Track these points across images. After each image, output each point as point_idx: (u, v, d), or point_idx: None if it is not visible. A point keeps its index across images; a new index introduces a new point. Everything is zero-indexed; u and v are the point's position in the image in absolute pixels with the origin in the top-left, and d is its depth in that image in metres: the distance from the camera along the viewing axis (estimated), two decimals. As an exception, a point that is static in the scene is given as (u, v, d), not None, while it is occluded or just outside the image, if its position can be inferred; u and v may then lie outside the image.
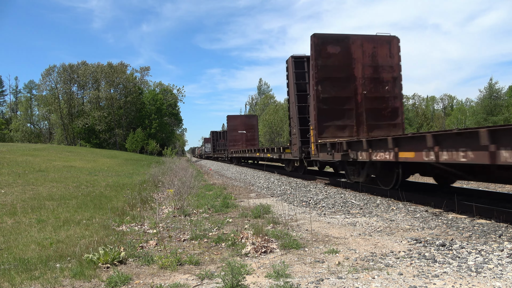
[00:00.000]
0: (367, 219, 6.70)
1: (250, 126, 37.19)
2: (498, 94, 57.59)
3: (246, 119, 38.70)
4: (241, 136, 35.94)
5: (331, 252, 4.51)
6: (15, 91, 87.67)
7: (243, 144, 35.50)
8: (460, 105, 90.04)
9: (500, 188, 9.55)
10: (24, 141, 67.80)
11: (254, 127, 37.48)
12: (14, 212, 7.73)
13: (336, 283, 3.46)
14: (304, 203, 8.95)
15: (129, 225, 6.67)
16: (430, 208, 7.24)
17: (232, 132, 36.53)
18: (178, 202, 8.50)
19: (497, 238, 4.91)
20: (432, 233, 5.36)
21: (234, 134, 36.24)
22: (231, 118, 37.66)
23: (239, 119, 37.86)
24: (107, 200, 9.69)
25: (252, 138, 36.71)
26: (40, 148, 32.64)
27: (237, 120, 37.62)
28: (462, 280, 3.41)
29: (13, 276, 3.88)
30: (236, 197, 10.51)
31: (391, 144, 7.60)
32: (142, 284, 3.69)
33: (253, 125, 37.48)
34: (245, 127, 36.62)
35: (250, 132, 36.80)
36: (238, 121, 37.44)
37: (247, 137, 36.13)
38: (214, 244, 5.17)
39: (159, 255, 4.42)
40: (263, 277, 3.71)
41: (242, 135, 35.99)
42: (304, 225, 6.29)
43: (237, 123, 37.01)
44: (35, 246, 5.16)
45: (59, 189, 11.62)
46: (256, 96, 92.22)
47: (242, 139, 35.98)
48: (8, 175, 13.80)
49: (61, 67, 63.85)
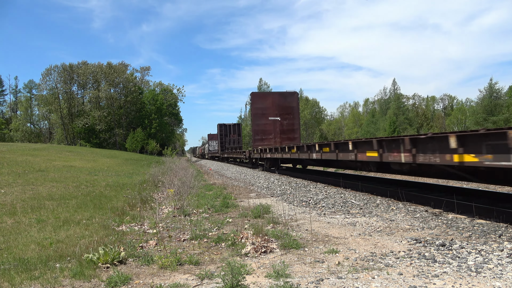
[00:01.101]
0: (367, 219, 6.70)
1: (287, 110, 23.42)
2: (498, 94, 57.59)
3: (280, 98, 23.48)
4: (273, 125, 23.07)
5: (331, 252, 4.51)
6: (15, 91, 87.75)
7: (276, 137, 23.15)
8: (460, 105, 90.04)
9: (500, 188, 9.55)
10: (24, 141, 67.80)
11: (293, 112, 23.56)
12: (14, 212, 7.73)
13: (336, 283, 3.46)
14: (304, 203, 8.95)
15: (129, 225, 6.67)
16: (430, 208, 7.24)
17: (259, 119, 23.07)
18: (178, 202, 8.50)
19: (497, 238, 4.91)
20: (432, 233, 5.36)
21: (262, 122, 23.02)
22: (258, 97, 23.82)
23: (270, 99, 23.42)
24: (107, 200, 9.69)
25: (290, 130, 23.45)
26: (40, 148, 32.64)
27: (267, 100, 23.38)
28: (462, 280, 3.41)
29: (13, 276, 3.88)
30: (236, 197, 10.50)
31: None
32: (142, 284, 3.69)
33: (291, 108, 23.49)
34: (279, 111, 23.13)
35: (287, 119, 23.40)
36: (270, 101, 23.27)
37: (281, 127, 23.16)
38: (214, 244, 5.16)
39: (159, 255, 4.42)
40: (263, 277, 3.71)
41: (274, 124, 23.07)
42: (304, 225, 6.29)
43: (268, 105, 23.13)
44: (35, 246, 5.16)
45: (59, 189, 11.62)
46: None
47: (274, 131, 23.11)
48: (8, 175, 13.80)
49: (61, 66, 63.92)
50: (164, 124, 69.66)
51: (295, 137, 23.55)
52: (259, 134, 23.10)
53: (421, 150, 6.47)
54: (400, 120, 69.24)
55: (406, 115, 73.02)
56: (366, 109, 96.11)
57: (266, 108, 23.06)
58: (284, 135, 23.26)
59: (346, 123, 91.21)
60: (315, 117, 79.33)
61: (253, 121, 23.60)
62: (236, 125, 44.32)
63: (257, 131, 23.18)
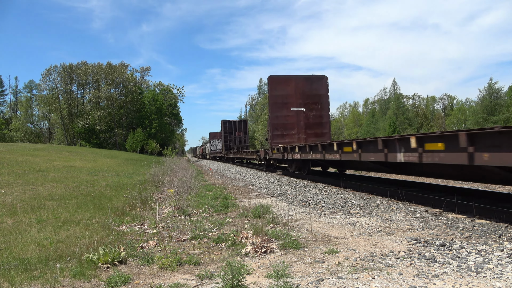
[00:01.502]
0: (367, 219, 6.70)
1: (314, 98, 18.62)
2: (498, 94, 57.61)
3: (306, 83, 18.65)
4: (297, 117, 18.44)
5: (331, 252, 4.51)
6: (15, 91, 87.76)
7: (300, 133, 18.48)
8: (460, 105, 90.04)
9: (500, 188, 9.55)
10: (24, 141, 67.80)
11: (321, 101, 18.72)
12: (14, 212, 7.73)
13: (336, 283, 3.46)
14: (304, 203, 8.95)
15: (129, 225, 6.67)
16: (430, 208, 7.24)
17: (279, 109, 18.43)
18: (178, 202, 8.50)
19: (497, 238, 4.91)
20: (432, 233, 5.36)
21: (282, 114, 18.37)
22: (278, 81, 18.45)
23: (293, 84, 18.46)
24: (107, 200, 9.69)
25: (318, 123, 18.69)
26: (40, 148, 32.64)
27: (289, 85, 18.43)
28: (462, 280, 3.41)
29: (13, 276, 3.88)
30: (236, 197, 10.50)
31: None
32: (142, 284, 3.69)
33: (319, 97, 18.69)
34: (303, 100, 18.49)
35: (314, 109, 18.65)
36: (292, 87, 18.41)
37: (307, 120, 18.54)
38: (214, 244, 5.17)
39: (159, 255, 4.42)
40: (263, 277, 3.71)
41: (298, 116, 18.43)
42: (304, 225, 6.29)
43: (290, 91, 18.41)
44: (35, 246, 5.16)
45: (59, 189, 11.62)
46: (257, 96, 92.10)
47: (298, 125, 18.50)
48: (8, 175, 13.80)
49: (61, 67, 63.88)
50: (164, 124, 69.66)
51: (324, 132, 18.48)
52: (278, 129, 18.16)
53: None
54: (400, 120, 69.26)
55: (406, 115, 73.01)
56: (366, 109, 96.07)
57: (287, 96, 18.22)
58: (310, 130, 18.41)
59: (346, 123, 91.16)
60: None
61: (271, 112, 18.20)
62: (242, 121, 39.90)
63: (276, 125, 18.15)
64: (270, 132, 18.37)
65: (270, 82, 18.33)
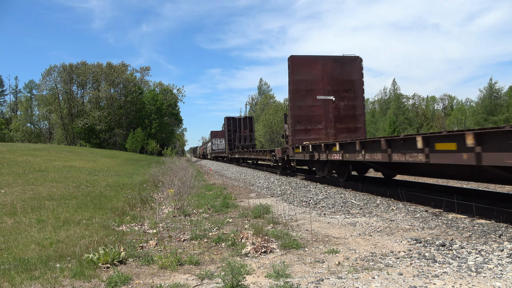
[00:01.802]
0: (367, 219, 6.70)
1: (345, 85, 15.27)
2: (498, 94, 57.66)
3: (335, 66, 15.23)
4: (324, 108, 15.03)
5: (331, 252, 4.51)
6: (15, 91, 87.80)
7: (328, 128, 15.01)
8: (460, 105, 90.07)
9: (500, 188, 9.55)
10: (24, 141, 67.81)
11: (354, 88, 15.34)
12: (14, 212, 7.73)
13: (336, 283, 3.46)
14: (304, 203, 8.95)
15: (129, 225, 6.67)
16: (430, 208, 7.24)
17: (302, 98, 14.91)
18: (178, 202, 8.50)
19: (497, 238, 4.91)
20: (432, 233, 5.36)
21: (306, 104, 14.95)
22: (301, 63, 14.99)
23: (319, 66, 15.05)
24: (107, 200, 9.69)
25: (351, 116, 15.33)
26: (40, 148, 32.64)
27: (315, 68, 15.04)
28: (462, 280, 3.41)
29: (13, 276, 3.88)
30: (236, 197, 10.51)
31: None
32: (142, 284, 3.69)
33: (351, 83, 15.34)
34: (332, 87, 15.10)
35: (346, 98, 15.27)
36: (319, 70, 15.04)
37: (337, 112, 15.17)
38: (214, 244, 5.17)
39: (159, 255, 4.42)
40: (263, 277, 3.71)
41: (326, 107, 15.05)
42: (304, 225, 6.29)
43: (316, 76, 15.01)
44: (35, 246, 5.16)
45: (59, 189, 11.62)
46: (257, 96, 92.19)
47: (326, 117, 15.03)
48: (8, 175, 13.80)
49: (61, 67, 63.88)
50: (164, 124, 69.67)
51: (358, 127, 15.10)
52: (301, 123, 14.68)
53: None
54: (400, 120, 69.30)
55: (406, 115, 73.08)
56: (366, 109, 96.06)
57: (312, 82, 14.75)
58: (341, 124, 14.95)
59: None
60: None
61: (293, 102, 14.71)
62: (247, 118, 36.62)
63: (299, 118, 14.68)
64: (291, 126, 14.82)
65: (291, 63, 14.73)
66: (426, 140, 6.63)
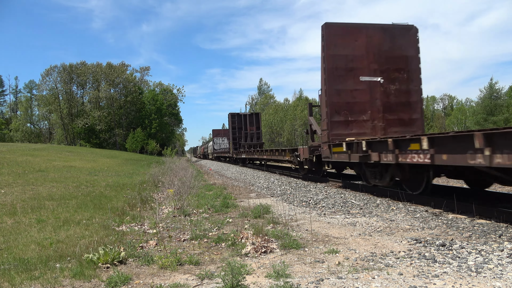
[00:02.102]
0: (367, 219, 6.70)
1: (396, 62, 11.45)
2: (498, 94, 57.61)
3: (383, 37, 11.28)
4: (370, 92, 11.26)
5: (331, 252, 4.51)
6: (15, 91, 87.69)
7: (375, 119, 11.21)
8: (460, 105, 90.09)
9: (500, 188, 9.55)
10: (24, 141, 67.79)
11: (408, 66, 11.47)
12: (14, 212, 7.73)
13: (336, 283, 3.46)
14: (304, 203, 8.95)
15: (129, 225, 6.67)
16: (430, 208, 7.24)
17: (341, 80, 11.11)
18: (178, 202, 8.50)
19: (497, 238, 4.91)
20: (432, 233, 5.36)
21: (345, 87, 11.14)
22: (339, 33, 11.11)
23: (363, 38, 11.19)
24: (107, 200, 9.69)
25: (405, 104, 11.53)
26: (40, 148, 32.64)
27: (357, 40, 11.20)
28: (462, 280, 3.41)
29: (13, 276, 3.88)
30: (236, 197, 10.50)
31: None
32: (142, 284, 3.69)
33: (405, 60, 11.49)
34: (380, 65, 11.31)
35: (397, 80, 11.45)
36: (362, 42, 11.21)
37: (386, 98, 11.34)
38: (214, 244, 5.17)
39: (159, 255, 4.42)
40: (263, 277, 3.71)
41: (371, 91, 11.25)
42: (304, 225, 6.29)
43: (358, 50, 11.27)
44: (35, 246, 5.16)
45: (59, 189, 11.62)
46: (256, 96, 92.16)
47: (371, 105, 11.27)
48: (8, 175, 13.80)
49: (61, 66, 63.86)
50: (164, 124, 69.65)
51: (414, 119, 11.65)
52: (340, 112, 11.20)
53: None
54: (400, 120, 69.11)
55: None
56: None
57: (354, 58, 11.30)
58: (391, 115, 11.45)
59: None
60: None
61: (329, 84, 11.18)
62: (254, 114, 33.04)
63: (338, 105, 11.23)
64: (326, 117, 11.12)
65: (326, 34, 11.05)
66: None
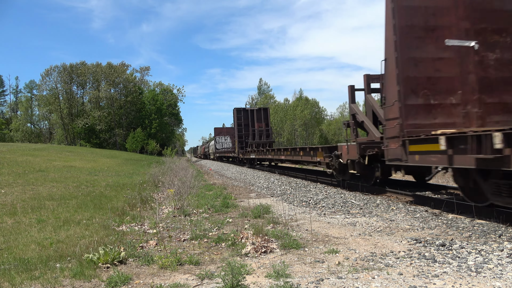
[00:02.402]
0: (367, 219, 6.71)
1: (497, 19, 6.79)
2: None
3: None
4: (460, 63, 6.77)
5: (331, 252, 4.51)
6: (15, 91, 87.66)
7: (469, 102, 6.76)
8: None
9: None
10: (24, 141, 67.78)
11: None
12: (14, 212, 7.73)
13: (336, 283, 3.46)
14: (304, 203, 8.96)
15: (129, 225, 6.67)
16: (430, 208, 7.24)
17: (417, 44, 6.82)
18: (178, 202, 8.50)
19: (497, 238, 4.91)
20: (432, 233, 5.36)
21: (424, 55, 6.77)
22: None
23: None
24: (107, 200, 9.69)
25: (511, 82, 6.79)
26: (40, 148, 32.64)
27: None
28: (462, 280, 3.41)
29: (13, 276, 3.88)
30: (236, 197, 10.51)
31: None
32: (142, 284, 3.69)
33: (508, 16, 6.81)
34: (473, 23, 6.84)
35: (499, 46, 6.70)
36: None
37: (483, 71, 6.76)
38: (214, 244, 5.17)
39: (159, 255, 4.42)
40: (263, 277, 3.71)
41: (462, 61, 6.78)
42: (304, 225, 6.29)
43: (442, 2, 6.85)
44: (35, 246, 5.16)
45: (59, 189, 11.62)
46: (256, 96, 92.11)
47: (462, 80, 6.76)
48: (8, 175, 13.80)
49: (61, 66, 63.86)
50: (164, 124, 69.65)
51: None
52: (418, 92, 6.96)
53: None
54: (400, 120, 69.06)
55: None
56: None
57: (437, 12, 7.11)
58: (492, 96, 7.03)
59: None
60: (315, 117, 79.31)
61: (401, 51, 6.98)
62: (262, 109, 28.72)
63: (415, 81, 6.99)
64: (398, 99, 7.08)
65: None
66: None
